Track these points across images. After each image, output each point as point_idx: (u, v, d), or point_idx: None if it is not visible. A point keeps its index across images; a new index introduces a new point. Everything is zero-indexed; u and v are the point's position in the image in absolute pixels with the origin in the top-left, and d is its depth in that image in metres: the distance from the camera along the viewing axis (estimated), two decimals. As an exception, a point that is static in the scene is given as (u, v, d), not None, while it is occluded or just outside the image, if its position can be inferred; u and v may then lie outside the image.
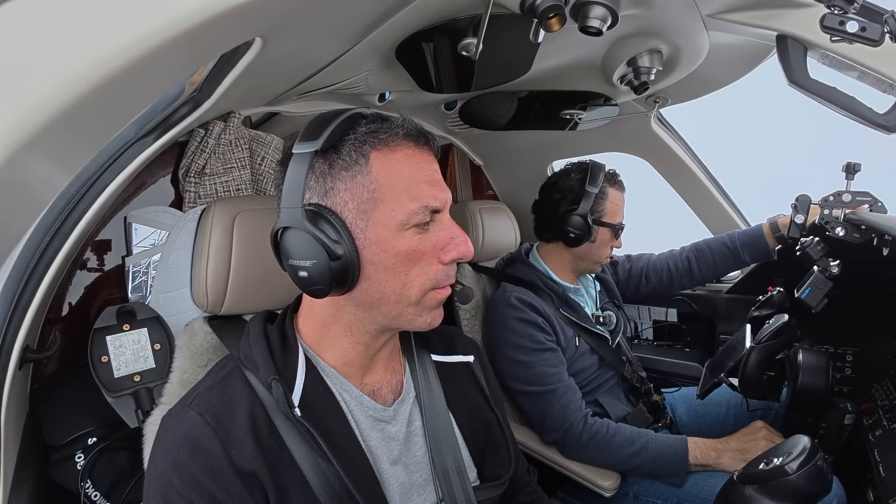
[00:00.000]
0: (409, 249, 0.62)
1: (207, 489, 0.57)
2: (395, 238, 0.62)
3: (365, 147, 0.61)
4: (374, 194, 0.61)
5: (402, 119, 0.64)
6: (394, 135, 0.63)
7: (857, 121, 0.80)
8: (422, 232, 0.63)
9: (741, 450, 1.14)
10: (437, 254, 0.65)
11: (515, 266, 1.48)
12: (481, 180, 2.22)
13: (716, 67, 1.19)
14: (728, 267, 1.57)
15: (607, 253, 1.44)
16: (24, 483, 0.82)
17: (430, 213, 0.63)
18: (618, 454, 1.19)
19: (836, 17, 0.73)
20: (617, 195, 1.42)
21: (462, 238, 0.66)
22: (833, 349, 1.42)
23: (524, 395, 1.29)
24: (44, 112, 0.37)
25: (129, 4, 0.39)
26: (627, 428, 1.23)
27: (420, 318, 0.67)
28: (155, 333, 0.98)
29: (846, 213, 1.17)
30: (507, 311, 1.32)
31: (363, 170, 0.61)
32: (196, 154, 1.12)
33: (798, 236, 1.29)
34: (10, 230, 0.49)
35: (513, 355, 1.29)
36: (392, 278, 0.63)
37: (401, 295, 0.64)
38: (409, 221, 0.62)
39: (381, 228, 0.62)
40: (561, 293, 1.40)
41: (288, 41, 0.75)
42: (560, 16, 0.76)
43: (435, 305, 0.67)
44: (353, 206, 0.61)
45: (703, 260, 1.57)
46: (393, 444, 0.70)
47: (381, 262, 0.62)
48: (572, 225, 1.36)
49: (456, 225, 0.67)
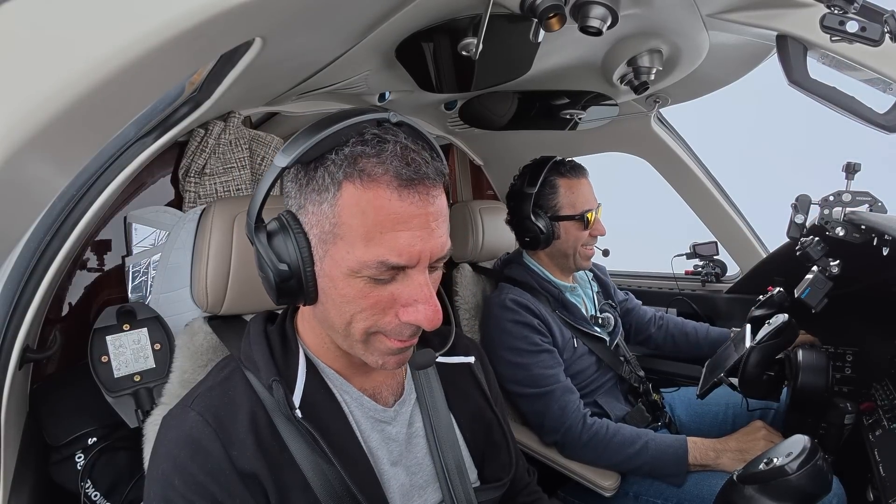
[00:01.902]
0: (359, 295, 0.57)
1: (208, 490, 0.57)
2: (345, 280, 0.57)
3: (339, 174, 0.54)
4: (334, 229, 0.56)
5: (395, 149, 0.55)
6: (375, 167, 0.54)
7: (857, 121, 0.80)
8: (378, 284, 0.57)
9: (740, 450, 1.14)
10: (395, 306, 0.59)
11: (512, 267, 1.48)
12: (481, 180, 2.22)
13: (716, 67, 1.19)
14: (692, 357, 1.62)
15: (584, 243, 1.38)
16: (25, 483, 0.82)
17: (387, 270, 0.56)
18: (618, 454, 1.18)
19: (836, 16, 0.73)
20: (570, 183, 1.37)
21: (427, 307, 0.57)
22: (833, 349, 1.42)
23: (522, 397, 1.29)
24: (44, 112, 0.37)
25: (129, 4, 0.39)
26: (627, 428, 1.23)
27: (370, 357, 0.62)
28: (155, 333, 0.98)
29: (846, 213, 1.17)
30: (503, 314, 1.32)
31: (331, 199, 0.55)
32: (196, 154, 1.12)
33: (798, 236, 1.29)
34: (10, 230, 0.49)
35: (509, 357, 1.29)
36: (338, 315, 0.59)
37: (346, 332, 0.60)
38: (359, 272, 0.56)
39: (334, 266, 0.57)
40: (557, 294, 1.39)
41: (288, 41, 0.75)
42: (560, 15, 0.76)
43: (387, 351, 0.61)
44: (317, 231, 0.57)
45: (685, 345, 1.62)
46: (393, 446, 0.70)
47: (329, 295, 0.59)
48: (526, 229, 1.37)
49: (427, 287, 0.58)
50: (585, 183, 1.40)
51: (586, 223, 1.36)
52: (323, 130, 0.55)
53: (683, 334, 1.62)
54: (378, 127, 0.57)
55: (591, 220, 1.37)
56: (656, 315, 1.67)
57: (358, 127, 0.56)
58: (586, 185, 1.40)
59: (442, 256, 0.59)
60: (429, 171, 0.56)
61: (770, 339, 1.15)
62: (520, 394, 1.29)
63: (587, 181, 1.41)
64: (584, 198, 1.38)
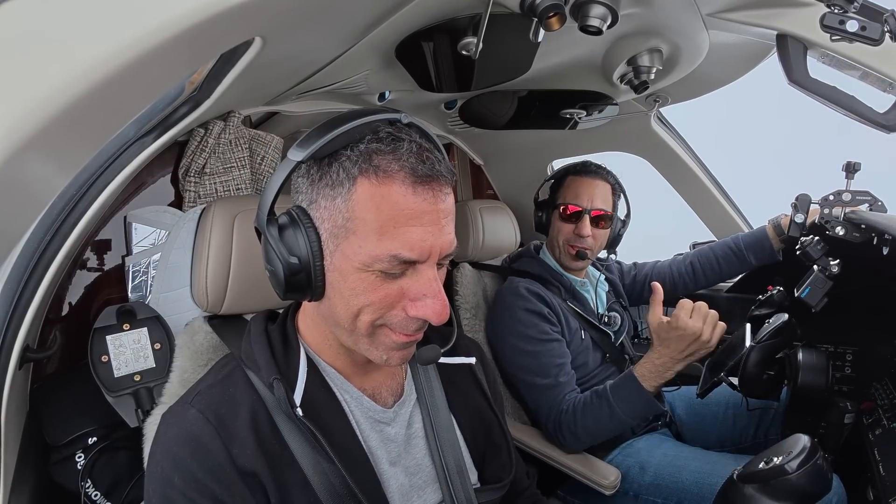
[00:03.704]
0: (368, 289, 0.58)
1: (208, 487, 0.57)
2: (355, 275, 0.57)
3: (354, 170, 0.55)
4: (347, 223, 0.56)
5: (411, 147, 0.56)
6: (391, 164, 0.55)
7: (857, 120, 0.80)
8: (388, 279, 0.58)
9: (669, 349, 1.13)
10: (403, 301, 0.59)
11: (523, 261, 1.52)
12: (481, 180, 2.22)
13: (716, 66, 1.19)
14: (733, 270, 1.58)
15: (565, 238, 1.42)
16: (25, 483, 0.82)
17: (399, 264, 0.57)
18: (600, 428, 1.19)
19: (836, 16, 0.73)
20: (576, 179, 1.44)
21: (436, 301, 0.58)
22: (833, 348, 1.43)
23: (527, 385, 1.30)
24: (44, 112, 0.37)
25: (129, 4, 0.39)
26: (583, 398, 1.22)
27: (374, 352, 0.62)
28: (155, 333, 0.98)
29: (846, 213, 1.17)
30: (516, 301, 1.34)
31: (345, 193, 0.56)
32: (196, 153, 1.12)
33: (798, 235, 1.29)
34: (10, 230, 0.49)
35: (519, 345, 1.31)
36: (345, 309, 0.59)
37: (352, 326, 0.60)
38: (371, 266, 0.56)
39: (345, 260, 0.58)
40: (569, 286, 1.42)
41: (288, 40, 0.75)
42: (560, 15, 0.76)
43: (392, 346, 0.62)
44: (328, 225, 0.58)
45: (708, 264, 1.58)
46: (391, 446, 0.70)
47: (338, 289, 0.59)
48: (536, 212, 1.52)
49: (436, 282, 0.59)
50: (587, 181, 1.42)
51: (563, 214, 1.42)
52: (338, 127, 0.56)
53: (706, 254, 1.60)
54: (391, 126, 0.58)
55: (572, 215, 1.40)
56: (671, 259, 1.68)
57: (372, 125, 0.57)
58: (588, 185, 1.41)
59: (449, 253, 0.61)
60: (442, 169, 0.58)
61: (770, 338, 1.15)
62: (525, 381, 1.30)
63: (595, 183, 1.42)
64: (576, 193, 1.41)
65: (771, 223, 1.48)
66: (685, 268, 1.61)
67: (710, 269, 1.58)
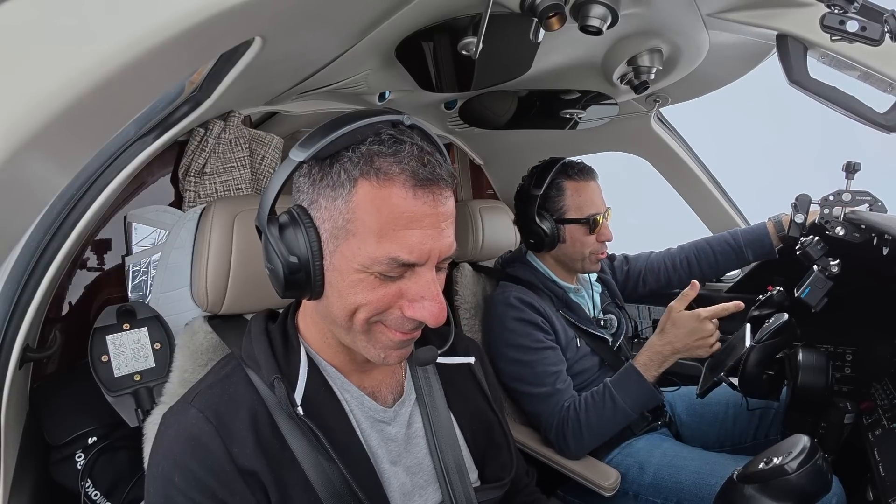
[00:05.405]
0: (366, 289, 0.58)
1: (209, 487, 0.57)
2: (354, 275, 0.58)
3: (355, 171, 0.56)
4: (347, 224, 0.57)
5: (412, 150, 0.56)
6: (392, 166, 0.55)
7: (857, 120, 0.80)
8: (386, 280, 0.58)
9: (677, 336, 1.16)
10: (401, 301, 0.60)
11: (515, 265, 1.47)
12: (481, 180, 2.22)
13: (716, 66, 1.19)
14: (729, 265, 1.56)
15: (592, 249, 1.36)
16: (25, 483, 0.82)
17: (397, 267, 0.57)
18: (603, 424, 1.19)
19: (836, 16, 0.73)
20: (578, 186, 1.35)
21: (433, 303, 0.58)
22: (833, 349, 1.43)
23: (524, 395, 1.29)
24: (44, 112, 0.37)
25: (129, 4, 0.39)
26: (584, 397, 1.22)
27: (372, 350, 0.63)
28: (155, 333, 0.98)
29: (846, 213, 1.17)
30: (506, 311, 1.31)
31: (346, 195, 0.56)
32: (196, 153, 1.12)
33: (798, 235, 1.29)
34: (10, 230, 0.49)
35: (512, 355, 1.29)
36: (342, 307, 0.60)
37: (349, 324, 0.61)
38: (370, 267, 0.57)
39: (344, 261, 0.58)
40: (561, 295, 1.39)
41: (288, 40, 0.75)
42: (560, 15, 0.76)
43: (389, 344, 0.62)
44: (328, 226, 0.58)
45: (705, 258, 1.55)
46: (392, 446, 0.70)
47: (336, 287, 0.60)
48: (532, 231, 1.36)
49: (434, 284, 0.59)
50: (593, 186, 1.38)
51: (592, 227, 1.34)
52: (340, 128, 0.56)
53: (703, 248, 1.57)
54: (393, 128, 0.58)
55: (599, 225, 1.34)
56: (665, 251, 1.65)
57: (374, 127, 0.57)
58: (594, 188, 1.38)
59: (448, 256, 0.61)
60: (442, 173, 0.58)
61: (770, 338, 1.15)
62: (522, 392, 1.29)
63: (595, 184, 1.39)
64: (591, 201, 1.36)
65: (771, 220, 1.47)
66: (681, 262, 1.58)
67: (708, 263, 1.55)
